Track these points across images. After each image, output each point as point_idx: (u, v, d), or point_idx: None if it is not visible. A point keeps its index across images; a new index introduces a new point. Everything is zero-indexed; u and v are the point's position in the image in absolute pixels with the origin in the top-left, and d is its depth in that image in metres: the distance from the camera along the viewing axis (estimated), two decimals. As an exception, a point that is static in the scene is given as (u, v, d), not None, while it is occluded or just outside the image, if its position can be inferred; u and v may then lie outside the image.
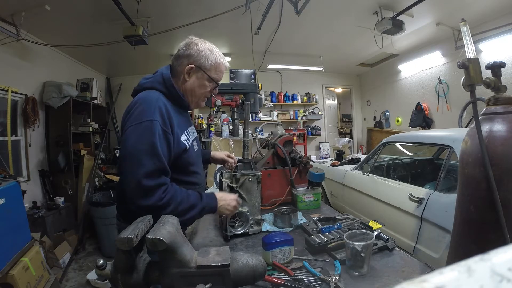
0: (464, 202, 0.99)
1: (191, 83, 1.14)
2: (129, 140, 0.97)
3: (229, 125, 2.90)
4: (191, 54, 1.11)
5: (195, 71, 1.13)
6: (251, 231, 1.34)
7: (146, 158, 0.94)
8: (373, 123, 6.86)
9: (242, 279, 0.79)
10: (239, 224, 1.32)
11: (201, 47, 1.12)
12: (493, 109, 0.93)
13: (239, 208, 1.24)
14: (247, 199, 1.33)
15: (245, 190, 1.33)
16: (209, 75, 1.14)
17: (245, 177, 1.32)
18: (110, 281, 0.82)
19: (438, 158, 3.13)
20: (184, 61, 1.12)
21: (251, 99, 2.64)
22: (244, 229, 1.32)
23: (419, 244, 2.08)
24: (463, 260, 0.20)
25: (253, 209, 1.34)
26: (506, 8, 3.52)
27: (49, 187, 3.71)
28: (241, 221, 1.33)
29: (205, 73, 1.13)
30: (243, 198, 1.32)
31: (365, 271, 0.92)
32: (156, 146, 0.96)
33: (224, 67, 1.19)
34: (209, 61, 1.12)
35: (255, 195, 1.35)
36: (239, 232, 1.32)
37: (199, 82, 1.14)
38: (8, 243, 2.12)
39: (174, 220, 0.84)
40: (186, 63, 1.12)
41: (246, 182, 1.32)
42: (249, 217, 1.32)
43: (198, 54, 1.11)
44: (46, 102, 3.75)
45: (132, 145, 0.97)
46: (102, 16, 3.43)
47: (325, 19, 3.96)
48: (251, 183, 1.33)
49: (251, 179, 1.32)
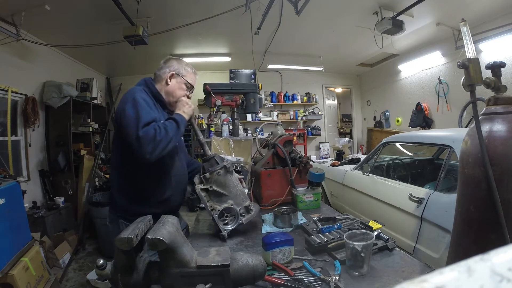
0: (464, 202, 0.99)
1: (172, 85, 1.44)
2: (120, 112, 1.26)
3: (229, 125, 2.89)
4: (172, 64, 1.46)
5: (175, 76, 1.44)
6: (244, 220, 1.31)
7: (140, 119, 1.21)
8: (373, 123, 6.86)
9: (242, 279, 0.79)
10: (230, 219, 1.30)
11: (179, 60, 1.50)
12: (493, 109, 0.93)
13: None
14: (227, 192, 1.30)
15: (221, 186, 1.29)
16: (186, 80, 1.46)
17: (213, 174, 1.29)
18: (110, 281, 0.83)
19: (438, 158, 3.13)
20: (166, 70, 1.45)
21: (251, 99, 2.63)
22: (236, 222, 1.30)
23: (419, 244, 2.08)
24: (463, 260, 0.20)
25: (237, 199, 1.31)
26: (506, 8, 3.52)
27: (49, 187, 3.71)
28: (231, 215, 1.30)
29: (183, 78, 1.45)
30: (222, 194, 1.29)
31: (365, 271, 0.92)
32: (139, 108, 1.23)
33: (195, 76, 1.52)
34: (184, 69, 1.46)
35: (233, 184, 1.31)
36: (233, 227, 1.29)
37: (179, 85, 1.45)
38: (8, 243, 2.12)
39: (174, 220, 0.84)
40: (168, 71, 1.44)
41: (216, 178, 1.29)
42: (236, 209, 1.29)
43: (177, 64, 1.46)
44: (46, 102, 3.75)
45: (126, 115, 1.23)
46: (102, 16, 3.43)
47: (325, 19, 3.96)
48: (223, 176, 1.30)
49: (220, 173, 1.29)
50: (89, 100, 4.45)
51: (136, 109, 1.22)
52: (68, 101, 3.85)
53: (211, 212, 1.28)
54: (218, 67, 5.81)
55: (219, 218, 1.28)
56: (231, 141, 2.76)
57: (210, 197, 1.30)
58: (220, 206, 1.28)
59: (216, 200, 1.30)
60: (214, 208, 1.28)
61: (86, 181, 3.94)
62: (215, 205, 1.29)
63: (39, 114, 3.64)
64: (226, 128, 2.86)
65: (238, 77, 5.29)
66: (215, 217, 1.27)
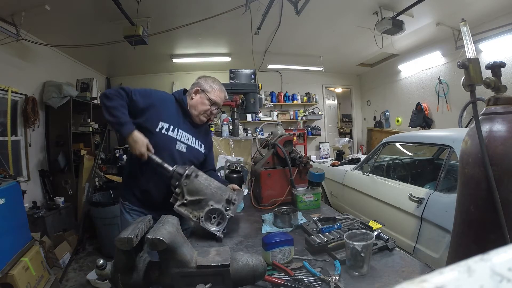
0: (464, 202, 0.99)
1: (195, 100, 1.55)
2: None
3: (229, 125, 2.89)
4: (200, 82, 1.59)
5: (199, 92, 1.56)
6: (231, 213, 1.29)
7: (124, 86, 1.45)
8: (373, 123, 6.86)
9: (242, 279, 0.79)
10: (220, 218, 1.28)
11: (207, 78, 1.60)
12: (493, 109, 0.93)
13: (149, 155, 1.36)
14: (202, 196, 1.27)
15: (194, 193, 1.27)
16: (209, 96, 1.54)
17: (181, 186, 1.26)
18: (110, 281, 0.83)
19: (438, 158, 3.12)
20: (194, 86, 1.59)
21: (251, 99, 2.63)
22: (224, 220, 1.28)
23: (419, 244, 2.08)
24: (463, 260, 0.20)
25: (215, 197, 1.29)
26: (506, 8, 3.52)
27: (49, 187, 3.71)
28: (217, 214, 1.28)
29: (206, 94, 1.54)
30: (200, 200, 1.27)
31: (365, 271, 0.92)
32: (134, 88, 1.45)
33: (223, 96, 1.60)
34: (210, 86, 1.56)
35: (205, 185, 1.29)
36: (224, 225, 1.27)
37: (201, 100, 1.55)
38: (8, 243, 2.12)
39: (174, 220, 0.84)
40: (195, 87, 1.57)
41: (186, 188, 1.27)
42: (218, 207, 1.27)
43: (204, 82, 1.58)
44: (46, 102, 3.75)
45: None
46: (102, 16, 3.43)
47: (325, 19, 3.96)
48: (191, 184, 1.27)
49: (186, 182, 1.27)
50: (89, 100, 4.44)
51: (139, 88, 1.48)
52: (68, 101, 3.84)
53: (197, 221, 1.26)
54: (218, 67, 5.81)
55: (209, 222, 1.27)
56: (231, 141, 2.77)
57: (190, 209, 1.28)
58: (202, 211, 1.26)
59: (197, 207, 1.28)
60: (198, 216, 1.27)
61: (86, 181, 3.94)
62: (198, 213, 1.27)
63: (39, 114, 3.64)
64: (226, 128, 2.86)
65: (238, 77, 5.28)
66: (203, 224, 1.25)
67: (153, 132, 1.42)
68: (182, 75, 6.20)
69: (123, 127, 1.35)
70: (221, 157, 2.61)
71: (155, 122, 1.44)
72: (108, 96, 1.37)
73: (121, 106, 1.37)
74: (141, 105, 1.43)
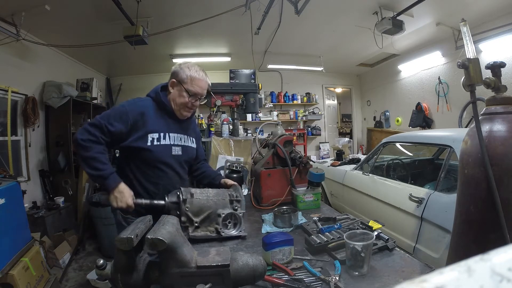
0: (464, 202, 0.99)
1: (173, 94, 1.43)
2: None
3: (229, 125, 2.89)
4: (175, 71, 1.43)
5: (175, 84, 1.43)
6: (242, 209, 1.32)
7: (98, 117, 1.32)
8: (373, 123, 6.86)
9: (242, 279, 0.79)
10: (234, 223, 1.30)
11: (183, 65, 1.43)
12: (493, 109, 0.93)
13: (135, 203, 1.26)
14: (208, 210, 1.26)
15: (200, 212, 1.25)
16: (185, 87, 1.40)
17: (184, 214, 1.23)
18: (110, 281, 0.83)
19: (438, 158, 3.12)
20: (170, 78, 1.44)
21: (251, 99, 2.64)
22: (239, 219, 1.30)
23: (419, 244, 2.08)
24: (463, 260, 0.20)
25: (219, 204, 1.29)
26: (506, 8, 3.52)
27: (49, 187, 3.70)
28: (230, 218, 1.29)
29: (182, 85, 1.40)
30: (208, 216, 1.26)
31: (365, 271, 0.92)
32: (108, 115, 1.32)
33: (203, 83, 1.43)
34: (185, 75, 1.40)
35: (204, 200, 1.27)
36: (241, 224, 1.30)
37: (179, 93, 1.42)
38: (8, 243, 2.12)
39: (174, 220, 0.84)
40: (171, 79, 1.44)
41: (190, 212, 1.24)
42: (228, 211, 1.29)
43: (178, 71, 1.42)
44: (46, 102, 3.75)
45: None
46: (102, 16, 3.43)
47: (325, 19, 3.96)
48: (191, 206, 1.24)
49: (187, 207, 1.23)
50: (89, 100, 4.44)
51: (111, 110, 1.37)
52: (68, 101, 3.84)
53: (218, 235, 1.27)
54: (218, 67, 5.81)
55: (226, 229, 1.28)
56: (231, 141, 2.77)
57: (204, 228, 1.28)
58: (217, 223, 1.27)
59: (208, 223, 1.28)
60: (215, 230, 1.27)
61: (86, 181, 3.94)
62: (214, 226, 1.28)
63: (39, 114, 3.64)
64: (226, 128, 2.86)
65: (238, 77, 5.28)
66: (226, 232, 1.27)
67: (145, 148, 1.33)
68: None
69: (107, 180, 1.24)
70: (221, 157, 2.61)
71: (143, 137, 1.34)
72: (82, 145, 1.22)
73: (100, 153, 1.25)
74: (124, 129, 1.31)
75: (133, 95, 1.70)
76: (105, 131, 1.28)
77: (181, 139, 1.47)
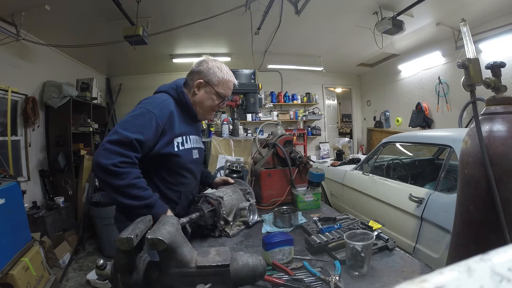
0: (464, 202, 0.99)
1: (200, 96, 1.28)
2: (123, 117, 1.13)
3: (229, 125, 2.89)
4: (202, 70, 1.26)
5: (203, 85, 1.27)
6: (253, 199, 1.50)
7: (121, 130, 1.04)
8: (373, 123, 6.86)
9: (242, 279, 0.79)
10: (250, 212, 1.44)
11: (211, 64, 1.27)
12: (493, 109, 0.93)
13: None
14: (232, 207, 1.35)
15: (230, 212, 1.34)
16: (216, 90, 1.27)
17: (219, 217, 1.26)
18: (110, 281, 0.82)
19: (438, 158, 3.13)
20: (195, 76, 1.27)
21: (251, 99, 2.63)
22: (254, 210, 1.47)
23: (419, 244, 2.08)
24: (463, 260, 0.20)
25: (239, 199, 1.42)
26: (506, 8, 3.52)
27: (49, 187, 3.71)
28: (248, 211, 1.42)
29: (213, 88, 1.26)
30: (239, 210, 1.39)
31: (365, 271, 0.92)
32: (134, 125, 1.07)
33: (232, 84, 1.31)
34: (216, 77, 1.25)
35: (228, 199, 1.34)
36: (256, 215, 1.47)
37: (207, 95, 1.27)
38: (8, 243, 2.12)
39: (174, 220, 0.84)
40: (196, 78, 1.27)
41: (224, 215, 1.28)
42: (249, 203, 1.44)
43: (207, 71, 1.26)
44: (46, 102, 3.75)
45: (121, 120, 1.12)
46: (102, 16, 3.43)
47: (325, 19, 3.96)
48: (224, 207, 1.28)
49: (223, 211, 1.28)
50: (89, 100, 4.44)
51: (133, 117, 1.10)
52: (68, 101, 3.84)
53: (250, 223, 1.42)
54: (218, 67, 5.80)
55: (250, 218, 1.44)
56: (231, 141, 2.76)
57: (234, 225, 1.38)
58: (241, 216, 1.42)
59: (236, 218, 1.39)
60: (244, 221, 1.42)
61: (86, 181, 3.94)
62: (239, 220, 1.41)
63: (39, 114, 3.64)
64: (226, 128, 2.86)
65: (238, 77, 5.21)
66: (251, 221, 1.42)
67: (173, 153, 1.19)
68: (182, 75, 6.15)
69: (153, 209, 1.02)
70: (221, 157, 2.61)
71: (170, 142, 1.19)
72: (115, 172, 0.97)
73: (138, 178, 1.03)
74: (154, 137, 1.13)
75: (133, 95, 1.68)
76: (136, 146, 1.04)
77: (197, 141, 1.37)
